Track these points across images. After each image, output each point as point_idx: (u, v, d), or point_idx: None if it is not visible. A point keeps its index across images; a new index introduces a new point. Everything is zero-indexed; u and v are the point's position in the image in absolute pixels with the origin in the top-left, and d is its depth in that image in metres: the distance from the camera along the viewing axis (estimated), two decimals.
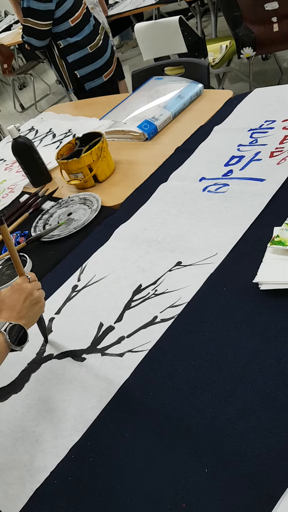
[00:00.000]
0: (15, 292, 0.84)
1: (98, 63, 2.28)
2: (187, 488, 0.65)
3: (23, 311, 0.82)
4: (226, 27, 2.91)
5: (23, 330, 0.81)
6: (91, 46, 2.21)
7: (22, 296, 0.83)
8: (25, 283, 0.86)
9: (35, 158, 1.55)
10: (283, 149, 1.19)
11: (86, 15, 2.18)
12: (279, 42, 2.58)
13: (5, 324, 0.79)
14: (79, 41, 2.19)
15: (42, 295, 0.88)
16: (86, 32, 2.20)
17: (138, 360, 0.85)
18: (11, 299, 0.83)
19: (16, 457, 0.80)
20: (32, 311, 0.84)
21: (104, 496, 0.69)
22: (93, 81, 2.32)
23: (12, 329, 0.79)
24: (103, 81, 2.33)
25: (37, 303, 0.85)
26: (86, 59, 2.25)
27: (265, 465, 0.63)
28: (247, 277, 0.88)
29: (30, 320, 0.84)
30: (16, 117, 5.17)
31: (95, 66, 2.28)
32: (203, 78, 1.86)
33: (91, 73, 2.30)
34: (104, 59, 2.30)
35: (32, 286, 0.86)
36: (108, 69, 2.34)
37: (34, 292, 0.85)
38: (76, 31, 2.17)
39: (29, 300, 0.84)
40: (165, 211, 1.18)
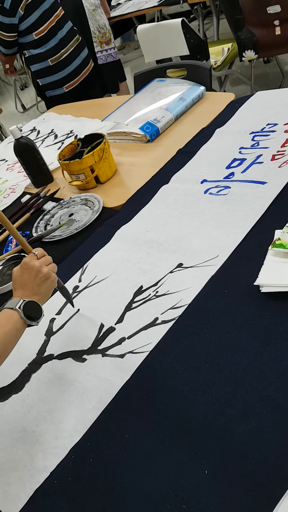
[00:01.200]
0: (24, 271, 0.87)
1: (59, 76, 2.43)
2: (187, 489, 0.65)
3: (35, 288, 0.85)
4: (228, 29, 2.92)
5: (37, 305, 0.84)
6: (52, 59, 2.36)
7: (32, 274, 0.86)
8: (32, 260, 0.87)
9: (37, 158, 1.55)
10: (284, 152, 1.19)
11: (53, 29, 2.31)
12: (281, 45, 2.59)
13: (19, 302, 0.82)
14: (42, 53, 2.34)
15: (51, 269, 0.89)
16: (50, 46, 2.34)
17: (138, 362, 0.85)
18: (22, 278, 0.86)
19: (16, 457, 0.80)
20: (44, 287, 0.87)
21: (104, 497, 0.69)
22: (54, 90, 2.48)
23: (26, 306, 0.82)
24: (64, 92, 2.49)
25: (47, 279, 0.87)
26: (47, 71, 2.41)
27: (265, 467, 0.63)
28: (248, 279, 0.89)
29: (43, 296, 0.87)
30: (17, 117, 5.18)
31: (55, 77, 2.44)
32: (205, 80, 1.86)
33: (52, 84, 2.46)
34: (65, 72, 2.44)
35: (40, 263, 0.87)
36: (70, 81, 2.48)
37: (43, 269, 0.87)
38: (40, 44, 2.32)
39: (39, 277, 0.86)
40: (166, 213, 1.19)
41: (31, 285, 0.85)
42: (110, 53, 3.38)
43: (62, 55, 2.39)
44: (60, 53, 2.38)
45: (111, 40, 3.36)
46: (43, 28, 2.28)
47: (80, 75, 2.51)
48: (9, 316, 0.80)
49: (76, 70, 2.48)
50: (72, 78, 2.48)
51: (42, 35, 2.30)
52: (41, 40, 2.32)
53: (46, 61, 2.37)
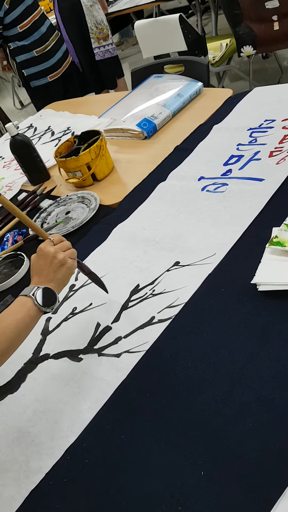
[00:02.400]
0: (40, 258, 0.86)
1: (43, 66, 2.57)
2: (183, 490, 0.64)
3: (50, 275, 0.84)
4: (226, 25, 2.90)
5: (52, 292, 0.82)
6: (37, 51, 2.51)
7: (47, 260, 0.85)
8: (48, 246, 0.86)
9: (33, 156, 1.54)
10: (282, 148, 1.18)
11: (36, 23, 2.47)
12: (280, 40, 2.57)
13: (33, 289, 0.81)
14: (26, 45, 2.48)
15: (70, 255, 0.88)
16: (34, 38, 2.48)
17: (135, 361, 0.84)
18: (38, 265, 0.85)
19: (12, 458, 0.79)
20: (60, 274, 0.85)
21: (100, 498, 0.68)
22: (38, 80, 2.62)
23: (41, 293, 0.80)
24: (48, 81, 2.64)
25: (62, 265, 0.85)
26: (32, 61, 2.54)
27: (262, 467, 0.62)
28: (245, 277, 0.88)
29: (60, 282, 0.85)
30: (15, 114, 5.15)
31: (40, 68, 2.57)
32: (203, 76, 1.85)
33: (37, 74, 2.59)
34: (50, 62, 2.59)
35: (55, 249, 0.86)
36: (54, 71, 2.63)
37: (58, 255, 0.85)
38: (24, 36, 2.46)
39: (54, 263, 0.85)
40: (163, 211, 1.18)
41: (46, 272, 0.84)
42: (108, 49, 3.36)
43: (47, 47, 2.53)
44: (44, 45, 2.52)
45: (108, 36, 3.34)
46: (26, 22, 2.42)
47: (62, 66, 2.67)
48: (23, 303, 0.79)
49: (59, 62, 2.64)
50: (56, 69, 2.63)
51: (26, 28, 2.43)
52: (25, 32, 2.45)
53: (31, 52, 2.50)
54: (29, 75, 2.59)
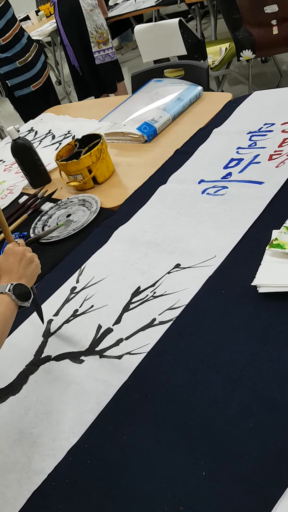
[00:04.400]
0: (9, 256, 0.89)
1: (26, 76, 2.71)
2: (185, 491, 0.65)
3: (21, 271, 0.87)
4: (225, 29, 2.91)
5: (25, 287, 0.85)
6: (20, 62, 2.64)
7: (17, 258, 0.88)
8: (15, 246, 0.91)
9: (34, 159, 1.55)
10: (282, 152, 1.19)
11: (17, 35, 2.61)
12: (279, 45, 2.59)
13: (7, 286, 0.83)
14: (9, 56, 2.61)
15: (34, 256, 0.92)
16: (16, 50, 2.61)
17: (136, 363, 0.85)
18: (8, 263, 0.88)
19: (14, 459, 0.79)
20: (29, 270, 0.89)
21: (102, 499, 0.69)
22: (22, 90, 2.75)
23: (15, 288, 0.83)
24: (31, 91, 2.77)
25: (31, 262, 0.90)
26: (16, 72, 2.67)
27: (263, 468, 0.63)
28: (245, 279, 0.88)
29: (30, 278, 0.89)
30: (15, 118, 5.16)
31: (23, 78, 2.70)
32: (203, 80, 1.86)
33: (20, 84, 2.72)
34: (32, 72, 2.72)
35: (24, 248, 0.91)
36: (36, 81, 2.77)
37: (27, 253, 0.90)
38: (7, 48, 2.58)
39: (24, 260, 0.89)
40: (164, 213, 1.19)
41: (17, 269, 0.87)
42: (108, 53, 3.38)
43: (28, 58, 2.67)
44: (26, 56, 2.66)
45: (108, 40, 3.36)
46: (8, 35, 2.55)
47: (43, 76, 2.82)
48: (1, 300, 0.82)
49: (40, 72, 2.78)
50: (38, 78, 2.77)
51: (8, 41, 2.56)
52: (7, 45, 2.58)
53: (14, 63, 2.63)
54: (13, 85, 2.71)
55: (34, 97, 2.78)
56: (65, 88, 4.80)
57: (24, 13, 5.24)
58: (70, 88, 4.94)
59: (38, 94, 2.80)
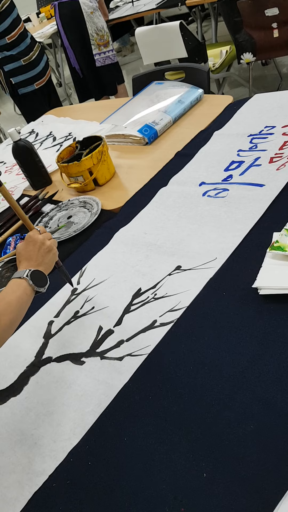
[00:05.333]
0: (29, 244, 0.93)
1: (30, 74, 2.76)
2: (186, 492, 0.65)
3: (39, 259, 0.92)
4: (226, 32, 2.92)
5: (43, 274, 0.90)
6: (24, 60, 2.70)
7: (36, 246, 0.93)
8: (36, 234, 0.95)
9: (35, 161, 1.55)
10: (282, 154, 1.20)
11: (22, 35, 2.67)
12: (279, 48, 2.60)
13: (26, 271, 0.88)
14: (14, 55, 2.67)
15: (53, 244, 0.96)
16: (21, 48, 2.68)
17: (137, 364, 0.85)
18: (27, 250, 0.93)
19: (15, 460, 0.80)
20: (47, 258, 0.93)
21: (103, 500, 0.69)
22: (25, 87, 2.81)
23: (33, 274, 0.88)
24: (35, 88, 2.83)
25: (50, 251, 0.94)
26: (20, 70, 2.73)
27: (264, 469, 0.63)
28: (246, 282, 0.89)
29: (47, 266, 0.93)
30: (16, 120, 5.18)
31: (27, 75, 2.76)
32: (203, 83, 1.86)
33: (24, 81, 2.78)
34: (36, 71, 2.78)
35: (43, 237, 0.95)
36: (40, 79, 2.82)
37: (46, 242, 0.94)
38: (12, 46, 2.65)
39: (43, 249, 0.93)
40: (165, 215, 1.19)
41: (36, 256, 0.92)
42: (108, 56, 3.39)
43: (32, 56, 2.73)
44: (30, 54, 2.72)
45: (109, 43, 3.37)
46: (14, 33, 2.61)
47: (46, 75, 2.87)
48: (19, 284, 0.86)
49: (43, 70, 2.84)
50: (41, 77, 2.83)
51: (14, 39, 2.62)
52: (13, 43, 2.64)
53: (19, 61, 2.69)
54: (17, 83, 2.77)
55: (38, 95, 2.84)
56: (65, 90, 4.81)
57: (25, 15, 5.25)
58: (71, 90, 4.95)
59: (41, 93, 2.86)
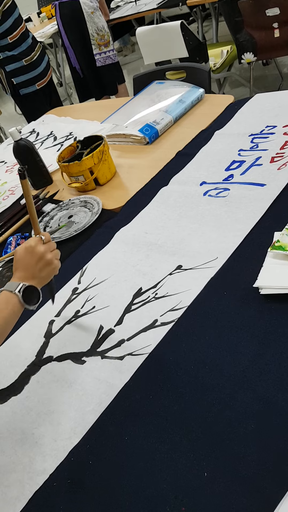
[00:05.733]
0: (28, 254, 0.87)
1: (32, 74, 2.75)
2: (187, 491, 0.65)
3: (36, 273, 0.87)
4: (227, 32, 2.92)
5: (36, 290, 0.86)
6: (26, 60, 2.69)
7: (34, 258, 0.87)
8: (38, 245, 0.88)
9: (36, 160, 1.55)
10: (283, 154, 1.20)
11: (24, 35, 2.66)
12: (280, 47, 2.60)
13: (19, 285, 0.83)
14: (16, 55, 2.66)
15: (55, 256, 0.91)
16: (22, 48, 2.66)
17: (138, 364, 0.85)
18: (25, 260, 0.87)
19: (15, 459, 0.80)
20: (45, 272, 0.88)
21: (104, 499, 0.69)
22: (27, 88, 2.79)
23: (25, 290, 0.83)
24: (36, 89, 2.81)
25: (49, 265, 0.89)
26: (22, 70, 2.72)
27: (264, 469, 0.63)
28: (247, 281, 0.89)
29: (42, 280, 0.89)
30: (16, 119, 5.18)
31: (29, 76, 2.75)
32: (204, 82, 1.86)
33: (25, 82, 2.77)
34: (37, 71, 2.77)
35: (44, 249, 0.88)
36: (41, 79, 2.81)
37: (47, 255, 0.88)
38: (14, 46, 2.63)
39: (42, 262, 0.87)
40: (165, 215, 1.19)
41: (32, 269, 0.87)
42: (109, 55, 3.39)
43: (33, 57, 2.72)
44: (32, 54, 2.71)
45: (109, 43, 3.37)
46: (16, 33, 2.60)
47: (47, 75, 2.86)
48: (8, 300, 0.82)
49: (44, 71, 2.83)
50: (42, 77, 2.81)
51: (15, 39, 2.61)
52: (15, 43, 2.62)
53: (21, 61, 2.68)
54: (19, 83, 2.75)
55: (39, 95, 2.83)
56: (66, 90, 4.81)
57: (26, 15, 5.25)
58: (71, 90, 4.95)
59: (43, 93, 2.85)
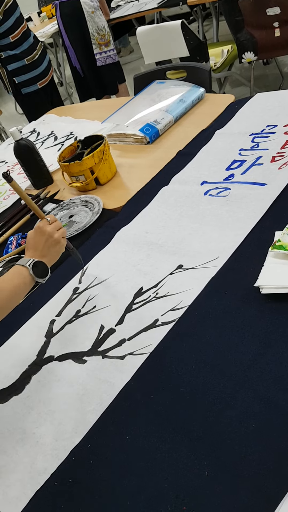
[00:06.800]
0: (37, 234, 0.97)
1: (33, 73, 2.74)
2: (188, 491, 0.65)
3: (45, 251, 0.96)
4: (227, 31, 2.92)
5: (45, 266, 0.94)
6: (28, 59, 2.67)
7: (43, 238, 0.96)
8: (45, 226, 0.97)
9: (36, 160, 1.55)
10: (284, 153, 1.20)
11: (25, 33, 2.65)
12: (280, 47, 2.60)
13: (29, 260, 0.92)
14: (17, 54, 2.64)
15: (62, 234, 0.99)
16: (24, 47, 2.65)
17: (139, 363, 0.85)
18: (34, 241, 0.97)
19: (17, 459, 0.80)
20: (53, 250, 0.97)
21: (105, 499, 0.69)
22: (28, 87, 2.79)
23: (35, 265, 0.92)
24: (38, 88, 2.81)
25: (57, 243, 0.98)
26: (23, 69, 2.71)
27: (265, 468, 0.63)
28: (248, 281, 0.89)
29: (51, 258, 0.97)
30: (17, 119, 5.18)
31: (30, 75, 2.74)
32: (205, 82, 1.86)
33: (27, 81, 2.76)
34: (39, 70, 2.76)
35: (51, 229, 0.97)
36: (43, 79, 2.80)
37: (54, 234, 0.97)
38: (15, 45, 2.62)
39: (50, 241, 0.96)
40: (166, 214, 1.19)
41: (41, 247, 0.95)
42: (109, 55, 3.39)
43: (35, 56, 2.71)
44: (33, 53, 2.70)
45: (110, 42, 3.37)
46: (17, 32, 2.59)
47: (48, 74, 2.85)
48: (20, 272, 0.90)
49: (46, 70, 2.81)
50: (44, 76, 2.81)
51: (17, 38, 2.60)
52: (16, 42, 2.61)
53: (22, 60, 2.66)
54: (20, 82, 2.75)
55: (40, 94, 2.83)
56: (67, 90, 4.81)
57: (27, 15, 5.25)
58: (72, 89, 4.95)
59: (44, 92, 2.85)
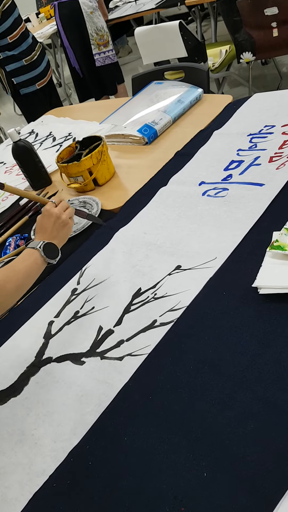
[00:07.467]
0: (44, 217, 1.00)
1: (32, 74, 2.74)
2: (186, 492, 0.65)
3: (54, 233, 0.99)
4: (226, 31, 2.93)
5: (55, 247, 0.97)
6: (26, 60, 2.68)
7: (51, 220, 0.99)
8: (52, 208, 1.01)
9: (35, 161, 1.55)
10: (282, 154, 1.20)
11: (24, 34, 2.65)
12: (279, 47, 2.60)
13: (40, 243, 0.95)
14: (16, 54, 2.64)
15: (69, 215, 1.02)
16: (23, 48, 2.65)
17: (137, 364, 0.85)
18: (43, 223, 1.00)
19: (15, 460, 0.80)
20: (62, 232, 1.01)
21: (103, 500, 0.69)
22: (27, 88, 2.79)
23: (46, 246, 0.95)
24: (36, 89, 2.81)
25: (65, 225, 1.01)
26: (22, 70, 2.71)
27: (264, 469, 0.63)
28: (246, 281, 0.89)
29: (61, 239, 1.00)
30: (15, 120, 5.18)
31: (29, 76, 2.74)
32: (203, 82, 1.86)
33: (26, 81, 2.76)
34: (37, 71, 2.76)
35: (58, 210, 1.00)
36: (41, 79, 2.80)
37: (62, 216, 1.00)
38: (14, 46, 2.62)
39: (58, 223, 1.00)
40: (164, 215, 1.19)
41: (50, 229, 0.99)
42: (108, 55, 3.39)
43: (34, 56, 2.71)
44: (32, 54, 2.70)
45: (109, 43, 3.37)
46: (16, 33, 2.59)
47: (47, 75, 2.85)
48: (31, 254, 0.94)
49: (44, 70, 2.82)
50: (43, 76, 2.81)
51: (16, 39, 2.60)
52: (15, 43, 2.61)
53: (21, 61, 2.66)
54: (19, 83, 2.75)
55: (39, 95, 2.83)
56: (65, 90, 4.81)
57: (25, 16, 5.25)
58: (70, 90, 4.95)
59: (43, 93, 2.85)
